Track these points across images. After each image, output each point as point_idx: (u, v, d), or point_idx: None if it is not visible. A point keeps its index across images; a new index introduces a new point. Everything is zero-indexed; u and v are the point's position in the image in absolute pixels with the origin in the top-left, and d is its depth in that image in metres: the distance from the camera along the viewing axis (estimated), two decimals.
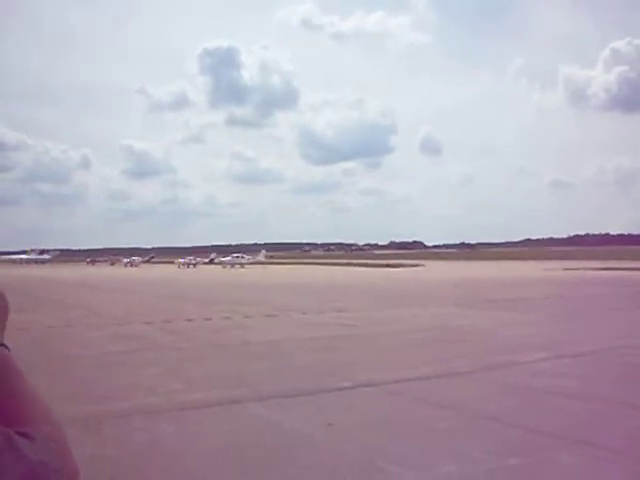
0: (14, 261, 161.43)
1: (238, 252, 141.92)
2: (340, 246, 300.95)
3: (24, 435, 1.25)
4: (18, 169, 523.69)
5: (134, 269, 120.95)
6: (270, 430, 9.10)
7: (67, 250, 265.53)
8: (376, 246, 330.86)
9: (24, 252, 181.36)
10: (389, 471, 7.38)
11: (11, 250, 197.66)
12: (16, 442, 1.21)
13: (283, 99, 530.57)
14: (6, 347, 1.46)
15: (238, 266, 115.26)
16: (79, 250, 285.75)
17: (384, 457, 7.79)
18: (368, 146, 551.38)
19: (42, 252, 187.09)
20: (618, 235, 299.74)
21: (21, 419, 1.33)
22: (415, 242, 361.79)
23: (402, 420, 9.72)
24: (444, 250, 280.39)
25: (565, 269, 74.57)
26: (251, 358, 15.23)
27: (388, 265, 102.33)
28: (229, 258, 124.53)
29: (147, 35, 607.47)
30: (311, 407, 10.39)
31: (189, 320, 23.48)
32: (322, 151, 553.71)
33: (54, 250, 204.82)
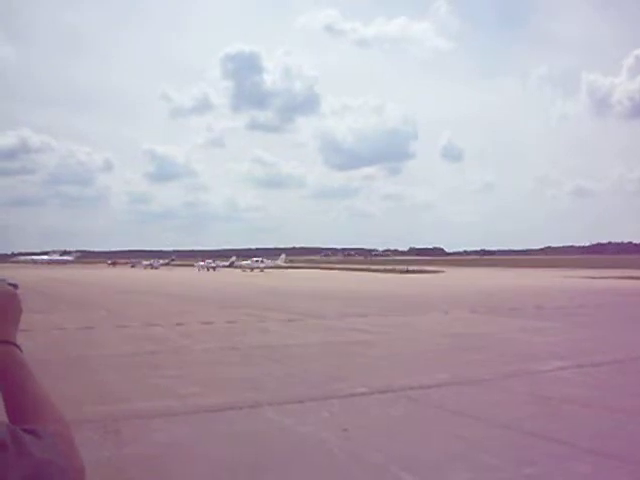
0: (35, 262, 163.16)
1: (258, 256, 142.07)
2: (360, 251, 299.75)
3: (31, 432, 1.27)
4: (42, 171, 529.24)
5: (154, 271, 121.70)
6: (285, 435, 9.12)
7: (89, 251, 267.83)
8: (396, 252, 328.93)
9: (46, 253, 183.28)
10: (403, 479, 7.36)
11: (34, 251, 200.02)
12: (22, 439, 1.23)
13: (305, 104, 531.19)
14: (18, 347, 1.50)
15: (258, 270, 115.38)
16: (101, 252, 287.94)
17: (399, 464, 7.77)
18: (389, 152, 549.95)
19: (64, 253, 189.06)
20: None
21: (29, 417, 1.36)
22: (435, 248, 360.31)
23: (418, 427, 9.70)
24: (464, 257, 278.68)
25: (585, 277, 73.81)
26: (268, 362, 15.27)
27: (408, 271, 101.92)
28: (249, 262, 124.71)
29: (170, 40, 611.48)
30: (326, 412, 10.38)
31: (207, 323, 23.59)
32: (343, 156, 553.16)
33: (76, 251, 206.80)
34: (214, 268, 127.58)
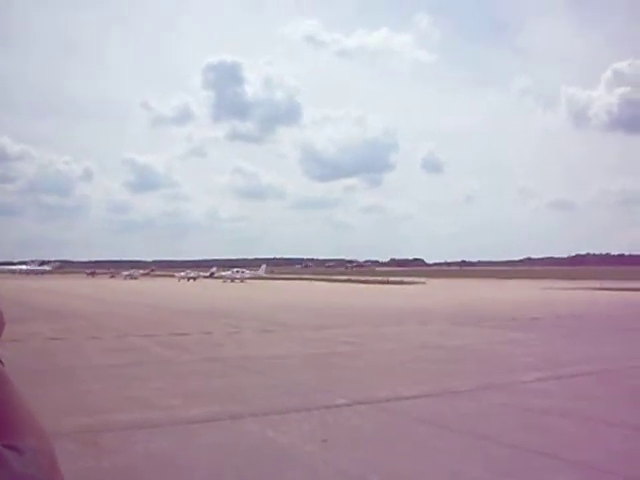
0: (14, 272, 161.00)
1: (239, 266, 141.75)
2: (340, 262, 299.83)
3: (12, 448, 1.26)
4: (20, 180, 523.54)
5: (134, 282, 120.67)
6: (266, 446, 9.08)
7: (68, 261, 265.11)
8: (377, 263, 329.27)
9: (25, 263, 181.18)
10: None
11: (12, 261, 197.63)
12: (3, 454, 1.22)
13: (286, 115, 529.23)
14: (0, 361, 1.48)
15: (238, 280, 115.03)
16: (80, 262, 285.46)
17: (378, 475, 7.77)
18: (370, 163, 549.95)
19: (42, 263, 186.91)
20: (619, 255, 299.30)
21: (9, 432, 1.34)
22: (416, 259, 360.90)
23: (398, 438, 9.71)
24: (445, 268, 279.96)
25: (564, 289, 74.36)
26: (249, 373, 15.22)
27: (388, 282, 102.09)
28: (229, 272, 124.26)
29: (151, 49, 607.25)
30: (307, 423, 10.36)
31: (188, 334, 23.47)
32: (324, 167, 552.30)
33: (55, 261, 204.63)
34: (194, 279, 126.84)
